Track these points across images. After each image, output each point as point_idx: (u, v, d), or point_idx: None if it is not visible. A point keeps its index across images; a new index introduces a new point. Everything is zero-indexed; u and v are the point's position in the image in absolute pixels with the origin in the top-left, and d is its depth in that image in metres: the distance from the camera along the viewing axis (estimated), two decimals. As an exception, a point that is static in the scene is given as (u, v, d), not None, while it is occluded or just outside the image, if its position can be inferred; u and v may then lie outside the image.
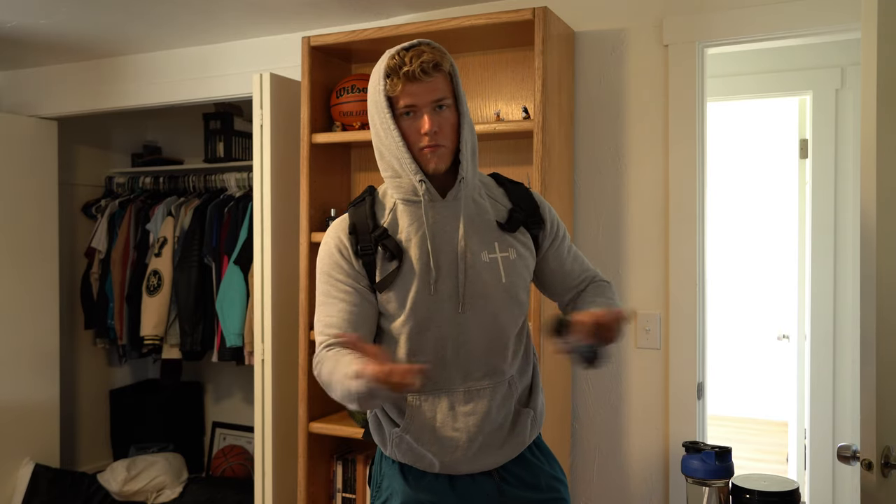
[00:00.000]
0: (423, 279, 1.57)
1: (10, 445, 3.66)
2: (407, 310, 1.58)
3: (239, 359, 3.59)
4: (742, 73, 3.43)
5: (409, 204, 1.61)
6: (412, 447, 1.63)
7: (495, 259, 1.61)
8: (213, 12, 2.91)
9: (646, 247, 2.60)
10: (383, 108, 1.55)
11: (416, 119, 1.54)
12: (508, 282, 1.61)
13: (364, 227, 1.61)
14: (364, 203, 1.65)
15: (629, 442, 2.63)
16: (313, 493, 2.76)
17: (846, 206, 3.28)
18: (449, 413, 1.60)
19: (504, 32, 2.50)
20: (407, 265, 1.58)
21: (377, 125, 1.59)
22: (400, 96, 1.53)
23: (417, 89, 1.52)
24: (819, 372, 3.33)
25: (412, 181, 1.57)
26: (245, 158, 3.92)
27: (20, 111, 3.81)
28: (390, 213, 1.63)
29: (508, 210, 1.66)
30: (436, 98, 1.54)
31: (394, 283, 1.58)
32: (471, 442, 1.61)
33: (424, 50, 1.54)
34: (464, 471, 1.64)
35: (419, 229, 1.59)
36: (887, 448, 1.57)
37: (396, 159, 1.57)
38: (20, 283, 3.71)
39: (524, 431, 1.66)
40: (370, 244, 1.59)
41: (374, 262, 1.59)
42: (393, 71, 1.53)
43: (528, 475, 1.69)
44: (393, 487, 1.68)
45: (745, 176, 6.19)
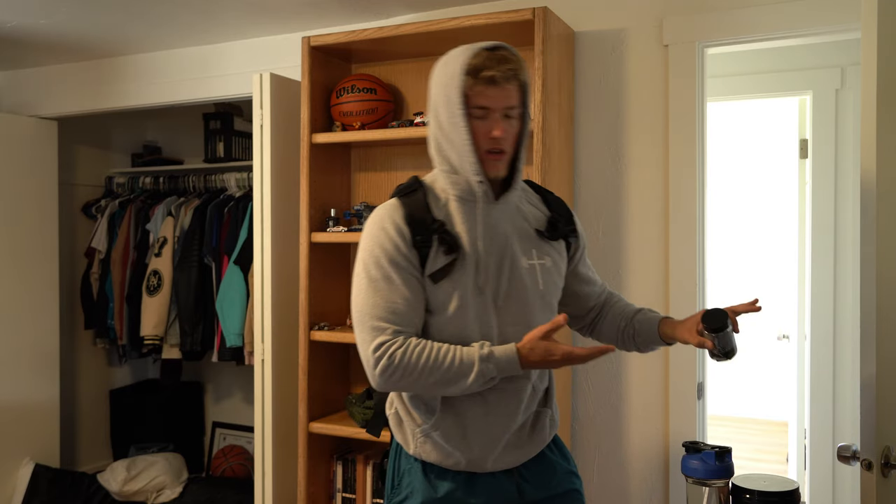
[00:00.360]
0: (473, 277, 1.59)
1: (10, 445, 3.66)
2: (455, 305, 1.58)
3: (239, 359, 3.59)
4: (742, 73, 3.43)
5: (463, 202, 1.62)
6: (439, 445, 1.64)
7: (534, 265, 1.65)
8: (213, 12, 2.91)
9: (646, 247, 2.59)
10: (456, 103, 1.54)
11: (486, 122, 1.56)
12: (545, 288, 1.65)
13: (421, 218, 1.59)
14: (417, 193, 1.64)
15: (629, 442, 2.63)
16: (313, 493, 2.76)
17: (846, 206, 3.28)
18: (480, 412, 1.62)
19: (504, 32, 2.50)
20: (462, 261, 1.59)
21: (442, 118, 1.58)
22: (475, 96, 1.54)
23: (494, 93, 1.54)
24: (819, 372, 3.33)
25: (470, 181, 1.59)
26: (245, 158, 3.92)
27: (20, 111, 3.81)
28: (444, 208, 1.63)
29: (548, 218, 1.71)
30: (508, 105, 1.56)
31: (447, 277, 1.58)
32: (497, 441, 1.64)
33: (507, 57, 1.56)
34: (488, 468, 1.65)
35: (472, 228, 1.61)
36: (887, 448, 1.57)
37: (458, 156, 1.58)
38: (20, 283, 3.71)
39: (544, 430, 1.71)
40: (428, 236, 1.58)
41: (427, 255, 1.58)
42: (475, 70, 1.53)
43: (547, 473, 1.73)
44: (413, 485, 1.68)
45: (745, 176, 6.19)
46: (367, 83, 2.73)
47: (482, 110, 1.55)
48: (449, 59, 1.59)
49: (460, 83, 1.54)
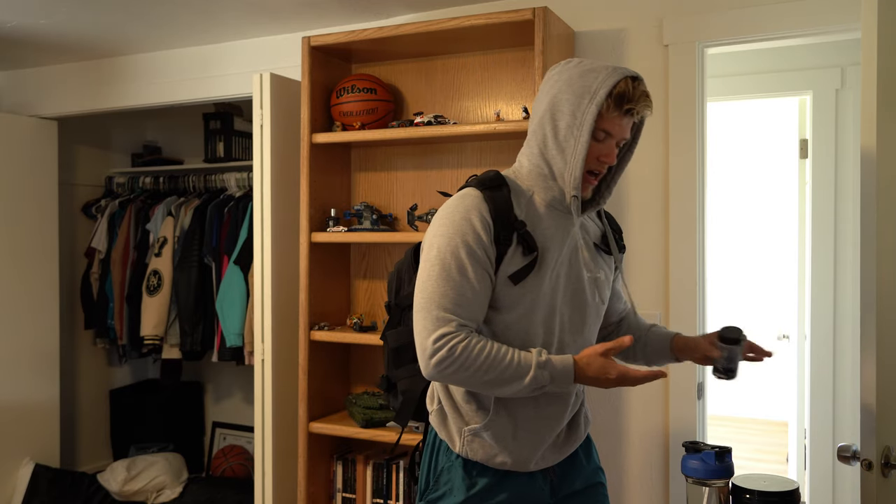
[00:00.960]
0: (547, 282, 1.61)
1: (10, 445, 3.66)
2: (525, 306, 1.59)
3: (239, 359, 3.59)
4: (742, 73, 3.43)
5: (551, 209, 1.64)
6: (487, 445, 1.65)
7: (593, 278, 1.69)
8: (213, 12, 2.91)
9: (646, 247, 2.59)
10: (589, 121, 1.55)
11: (603, 145, 1.59)
12: (599, 300, 1.71)
13: (505, 215, 1.58)
14: (502, 190, 1.61)
15: (629, 442, 2.63)
16: (313, 493, 2.76)
17: (846, 206, 3.28)
18: (532, 414, 1.65)
19: (504, 32, 2.50)
20: (539, 264, 1.60)
21: (562, 124, 1.57)
22: (607, 121, 1.56)
23: (624, 123, 1.59)
24: (819, 372, 3.33)
25: (565, 192, 1.61)
26: (245, 158, 3.92)
27: (20, 111, 3.81)
28: (525, 209, 1.62)
29: (604, 233, 1.76)
30: (626, 137, 1.62)
31: (525, 278, 1.59)
32: (544, 442, 1.67)
33: (647, 93, 1.59)
34: (531, 468, 1.68)
35: (555, 235, 1.63)
36: (887, 448, 1.57)
37: (564, 166, 1.59)
38: (20, 283, 3.72)
39: (579, 430, 1.75)
40: (509, 234, 1.58)
41: (505, 253, 1.58)
42: (619, 98, 1.55)
43: (576, 469, 1.77)
44: (453, 482, 1.68)
45: (745, 176, 6.19)
46: (367, 83, 2.73)
47: (605, 134, 1.58)
48: (592, 72, 1.57)
49: (601, 103, 1.54)
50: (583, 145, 1.55)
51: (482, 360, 1.51)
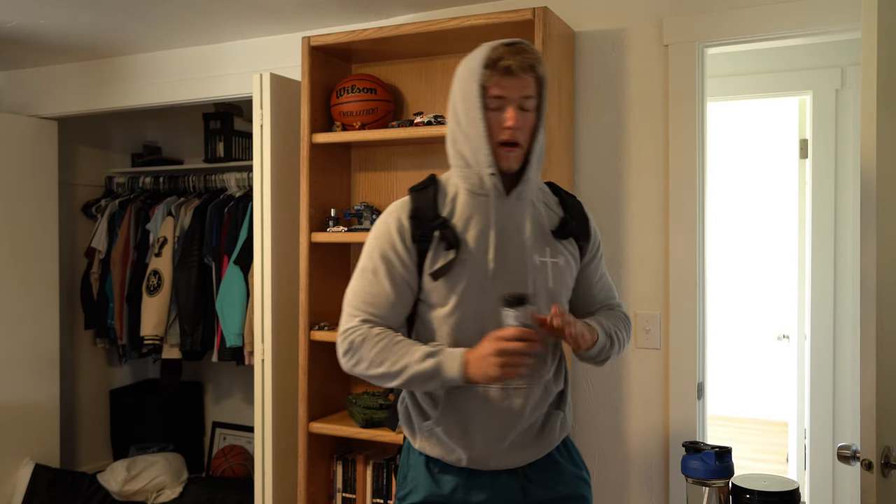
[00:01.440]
0: (477, 272, 1.59)
1: (10, 445, 3.66)
2: (455, 300, 1.60)
3: (239, 359, 3.59)
4: (742, 73, 3.43)
5: (474, 196, 1.63)
6: (442, 440, 1.64)
7: (546, 263, 1.64)
8: (213, 12, 2.91)
9: (646, 247, 2.59)
10: (474, 95, 1.57)
11: (501, 112, 1.58)
12: (555, 287, 1.65)
13: (426, 213, 1.62)
14: (428, 190, 1.66)
15: (629, 442, 2.63)
16: (313, 493, 2.76)
17: (846, 206, 3.28)
18: (483, 409, 1.62)
19: (504, 32, 2.50)
20: (462, 256, 1.60)
21: (460, 113, 1.61)
22: (492, 87, 1.56)
23: (511, 83, 1.56)
24: (819, 372, 3.33)
25: (482, 174, 1.59)
26: (245, 158, 3.92)
27: (20, 111, 3.81)
28: (451, 203, 1.64)
29: (561, 218, 1.70)
30: (524, 94, 1.58)
31: (448, 274, 1.59)
32: (501, 440, 1.63)
33: (525, 48, 1.58)
34: (491, 466, 1.65)
35: (480, 222, 1.61)
36: (887, 448, 1.57)
37: (473, 149, 1.59)
38: (20, 283, 3.71)
39: (553, 432, 1.70)
40: (429, 231, 1.61)
41: (427, 250, 1.61)
42: (492, 63, 1.56)
43: (553, 475, 1.71)
44: (417, 480, 1.69)
45: (745, 176, 6.19)
46: (367, 83, 2.73)
47: (498, 100, 1.57)
48: (470, 57, 1.62)
49: (479, 76, 1.57)
50: (479, 120, 1.57)
51: (376, 351, 1.56)
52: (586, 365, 2.66)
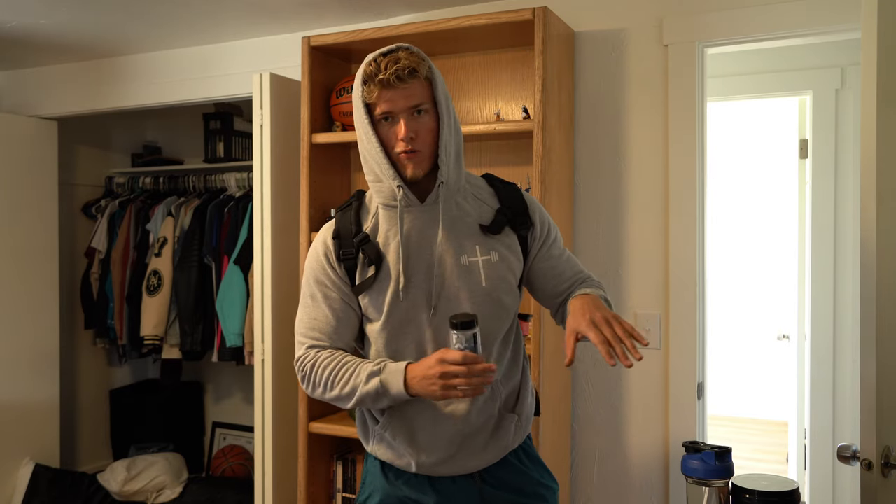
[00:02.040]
0: (396, 285, 1.58)
1: (10, 445, 3.66)
2: (384, 315, 1.59)
3: (239, 359, 3.59)
4: (742, 73, 3.43)
5: (389, 209, 1.61)
6: (392, 445, 1.64)
7: (475, 262, 1.59)
8: (213, 12, 2.91)
9: (646, 247, 2.59)
10: (362, 113, 1.56)
11: (394, 125, 1.55)
12: (489, 285, 1.59)
13: (347, 232, 1.62)
14: (350, 208, 1.66)
15: (629, 442, 2.63)
16: (313, 493, 2.76)
17: (846, 206, 3.28)
18: (428, 416, 1.61)
19: (504, 32, 2.50)
20: (384, 271, 1.59)
21: (359, 130, 1.60)
22: (377, 103, 1.54)
23: (393, 95, 1.52)
24: (819, 372, 3.33)
25: (391, 186, 1.57)
26: (245, 158, 3.92)
27: (20, 111, 3.81)
28: (373, 218, 1.64)
29: (494, 211, 1.64)
30: (412, 104, 1.53)
31: (370, 289, 1.59)
32: (449, 445, 1.61)
33: (401, 56, 1.53)
34: (442, 473, 1.63)
35: (395, 235, 1.59)
36: (887, 448, 1.57)
37: (377, 164, 1.57)
38: (20, 283, 3.71)
39: (507, 436, 1.66)
40: (352, 249, 1.60)
41: (354, 267, 1.61)
42: (369, 77, 1.53)
43: (513, 479, 1.68)
44: (374, 485, 1.70)
45: (745, 176, 6.19)
46: (367, 83, 2.72)
47: (387, 114, 1.54)
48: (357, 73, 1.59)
49: (360, 94, 1.55)
50: (372, 136, 1.55)
51: (326, 375, 1.57)
52: (587, 365, 2.66)
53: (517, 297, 1.67)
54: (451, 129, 1.59)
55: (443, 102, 1.58)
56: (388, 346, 1.60)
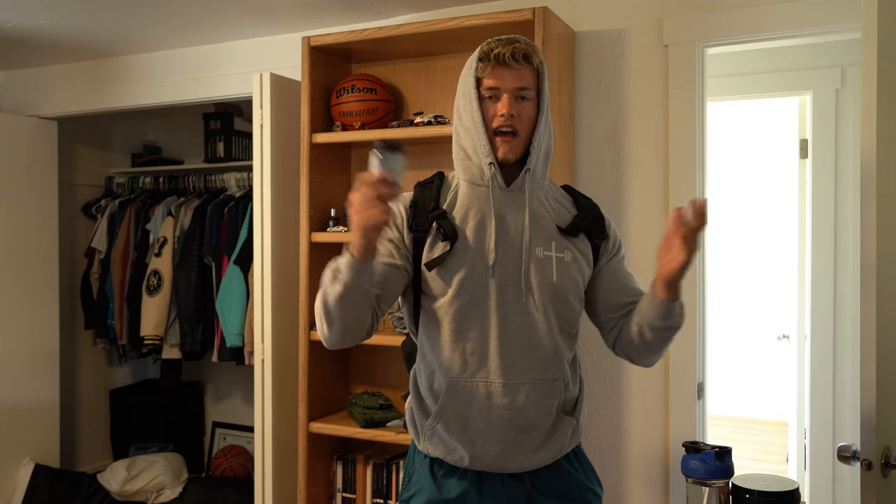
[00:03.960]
0: (476, 263, 1.59)
1: (10, 445, 3.66)
2: (453, 291, 1.59)
3: (239, 359, 3.59)
4: (742, 73, 3.43)
5: (474, 187, 1.64)
6: (443, 438, 1.63)
7: (550, 257, 1.62)
8: (213, 12, 2.91)
9: (646, 246, 2.59)
10: (470, 87, 1.61)
11: (496, 102, 1.59)
12: (559, 281, 1.62)
13: (425, 205, 1.65)
14: (432, 184, 1.69)
15: (629, 442, 2.63)
16: (313, 493, 2.76)
17: (846, 206, 3.28)
18: (485, 403, 1.59)
19: (504, 32, 2.48)
20: (460, 247, 1.60)
21: (461, 107, 1.64)
22: (486, 78, 1.59)
23: (504, 73, 1.58)
24: (819, 372, 3.33)
25: (482, 164, 1.61)
26: (245, 158, 3.92)
27: (20, 111, 3.81)
28: (452, 194, 1.66)
29: (573, 216, 1.69)
30: (519, 85, 1.59)
31: (444, 264, 1.59)
32: (503, 436, 1.60)
33: (518, 40, 1.60)
34: (496, 468, 1.62)
35: (479, 212, 1.62)
36: (887, 448, 1.57)
37: (472, 140, 1.61)
38: (20, 283, 3.71)
39: (563, 439, 1.65)
40: (426, 222, 1.62)
41: (424, 240, 1.62)
42: (486, 55, 1.59)
43: (561, 484, 1.67)
44: (421, 483, 1.68)
45: (745, 176, 6.19)
46: (367, 83, 2.73)
47: (494, 90, 1.59)
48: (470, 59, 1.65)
49: (474, 69, 1.61)
50: (475, 110, 1.60)
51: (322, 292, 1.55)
52: (587, 365, 2.66)
53: (581, 302, 1.70)
54: (547, 126, 1.65)
55: (546, 96, 1.63)
56: (455, 323, 1.59)
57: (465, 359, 1.59)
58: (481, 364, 1.59)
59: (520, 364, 1.59)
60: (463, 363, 1.59)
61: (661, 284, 1.57)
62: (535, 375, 1.60)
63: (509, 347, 1.59)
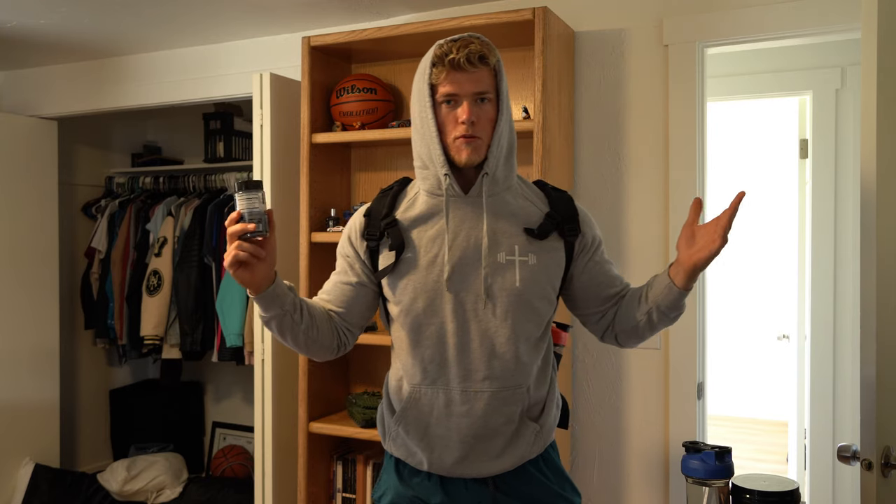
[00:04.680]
0: (430, 272, 1.57)
1: (10, 445, 3.66)
2: (407, 300, 1.58)
3: (239, 359, 3.59)
4: (742, 73, 3.43)
5: (432, 196, 1.61)
6: (405, 441, 1.63)
7: (513, 261, 1.57)
8: (213, 12, 2.91)
9: (646, 247, 2.59)
10: (425, 95, 1.55)
11: (455, 108, 1.54)
12: (523, 287, 1.57)
13: (378, 213, 1.63)
14: (391, 191, 1.67)
15: (629, 442, 2.63)
16: (313, 493, 2.76)
17: (846, 206, 3.28)
18: (444, 411, 1.58)
19: (504, 32, 2.50)
20: (409, 256, 1.58)
21: (416, 114, 1.59)
22: (442, 84, 1.53)
23: (461, 78, 1.52)
24: (819, 372, 3.33)
25: (438, 174, 1.56)
26: (245, 158, 3.92)
27: (20, 111, 3.81)
28: (410, 203, 1.63)
29: (544, 214, 1.62)
30: (478, 90, 1.53)
31: (393, 273, 1.59)
32: (461, 444, 1.58)
33: (472, 41, 1.54)
34: (455, 474, 1.61)
35: (438, 221, 1.59)
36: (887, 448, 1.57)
37: (427, 149, 1.57)
38: (20, 283, 3.71)
39: (526, 445, 1.62)
40: (377, 231, 1.61)
41: (377, 249, 1.61)
42: (439, 59, 1.53)
43: (529, 489, 1.64)
44: (389, 482, 1.69)
45: (745, 176, 6.19)
46: (367, 83, 2.73)
47: (451, 97, 1.53)
48: (423, 58, 1.59)
49: (428, 75, 1.54)
50: (430, 119, 1.54)
51: None
52: (587, 365, 2.66)
53: (551, 304, 1.64)
54: (507, 124, 1.59)
55: (504, 95, 1.58)
56: (412, 333, 1.59)
57: (424, 366, 1.58)
58: (440, 372, 1.58)
59: (480, 372, 1.56)
60: (423, 371, 1.59)
61: (684, 274, 1.56)
62: (497, 384, 1.57)
63: (469, 356, 1.57)
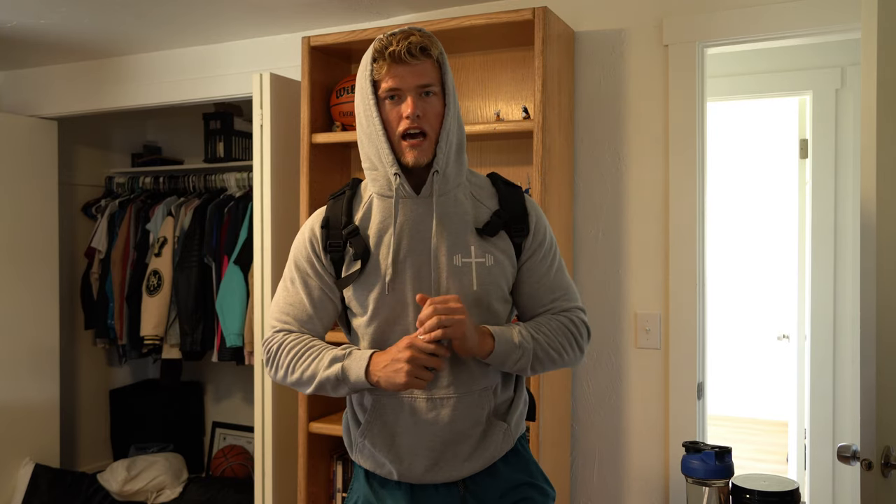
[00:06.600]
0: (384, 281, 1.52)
1: (10, 445, 3.66)
2: (370, 311, 1.54)
3: (239, 359, 3.59)
4: (742, 73, 3.43)
5: (384, 199, 1.55)
6: (372, 453, 1.59)
7: (469, 264, 1.52)
8: (213, 12, 2.91)
9: (646, 247, 2.59)
10: (367, 92, 1.50)
11: (399, 103, 1.49)
12: (481, 290, 1.52)
13: (337, 222, 1.57)
14: (343, 196, 1.61)
15: (629, 442, 2.63)
16: (313, 493, 2.76)
17: (846, 206, 3.28)
18: (410, 420, 1.54)
19: (504, 32, 2.50)
20: (372, 265, 1.54)
21: (360, 113, 1.54)
22: (384, 79, 1.48)
23: (403, 72, 1.47)
24: (819, 372, 3.33)
25: (388, 174, 1.51)
26: (245, 158, 3.92)
27: (20, 111, 3.81)
28: (365, 208, 1.58)
29: (491, 212, 1.57)
30: (421, 83, 1.48)
31: (356, 283, 1.55)
32: (430, 452, 1.55)
33: (413, 33, 1.49)
34: (426, 480, 1.57)
35: (387, 227, 1.54)
36: (887, 448, 1.57)
37: (375, 149, 1.52)
38: (20, 283, 3.71)
39: (494, 445, 1.58)
40: (340, 241, 1.56)
41: (341, 259, 1.57)
42: (379, 53, 1.48)
43: (500, 485, 1.61)
44: (359, 492, 1.66)
45: (745, 176, 6.19)
46: (367, 83, 2.72)
47: (394, 91, 1.48)
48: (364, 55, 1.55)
49: (368, 71, 1.50)
50: (374, 117, 1.49)
51: (289, 358, 1.53)
52: (587, 365, 2.66)
53: (508, 303, 1.61)
54: (455, 119, 1.54)
55: (450, 88, 1.53)
56: (375, 342, 1.56)
57: None
58: None
59: (444, 379, 1.53)
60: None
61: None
62: (462, 389, 1.54)
63: None
